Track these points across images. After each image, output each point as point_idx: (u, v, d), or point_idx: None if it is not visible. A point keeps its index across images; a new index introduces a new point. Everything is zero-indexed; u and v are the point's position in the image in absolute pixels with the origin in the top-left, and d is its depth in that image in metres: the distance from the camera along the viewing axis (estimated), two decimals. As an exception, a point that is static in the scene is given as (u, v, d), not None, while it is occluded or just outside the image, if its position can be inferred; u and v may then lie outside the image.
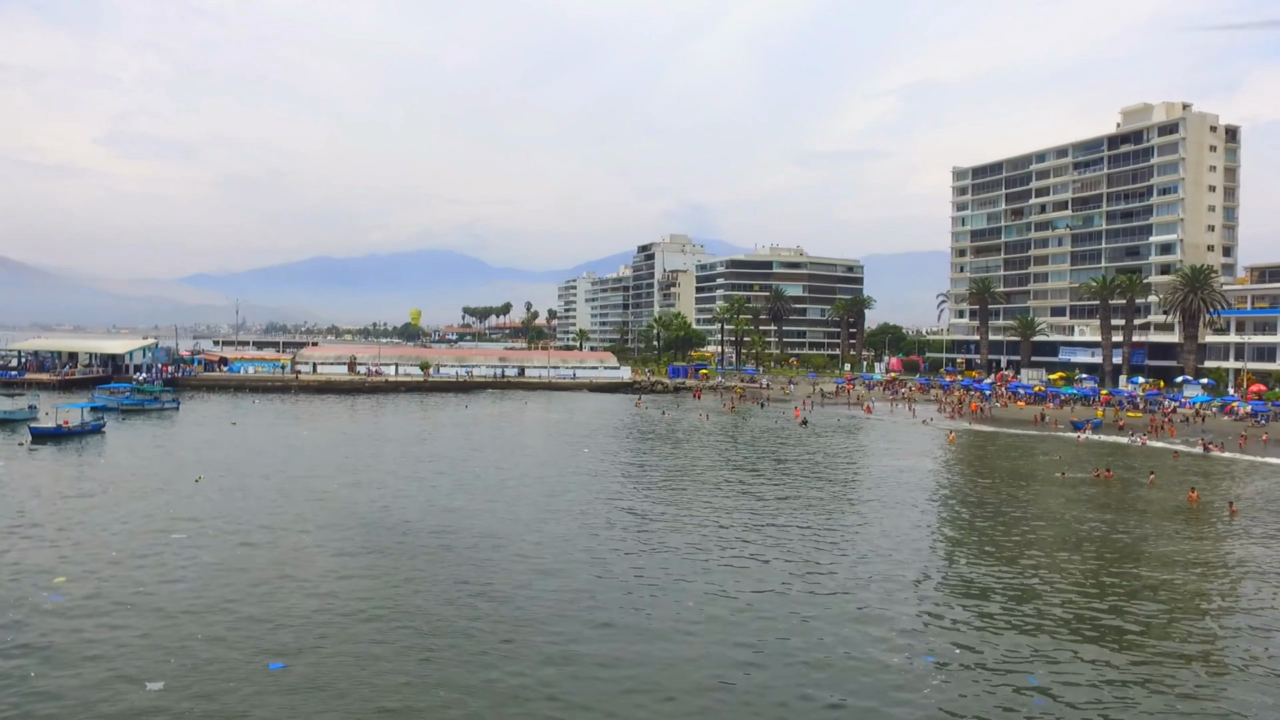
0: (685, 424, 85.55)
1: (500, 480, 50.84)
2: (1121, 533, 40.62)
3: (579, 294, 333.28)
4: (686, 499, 46.52)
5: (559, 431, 76.75)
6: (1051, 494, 50.02)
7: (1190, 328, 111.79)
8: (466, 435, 72.93)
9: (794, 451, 65.91)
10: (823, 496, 47.89)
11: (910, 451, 67.93)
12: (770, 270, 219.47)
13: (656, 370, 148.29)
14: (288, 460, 56.27)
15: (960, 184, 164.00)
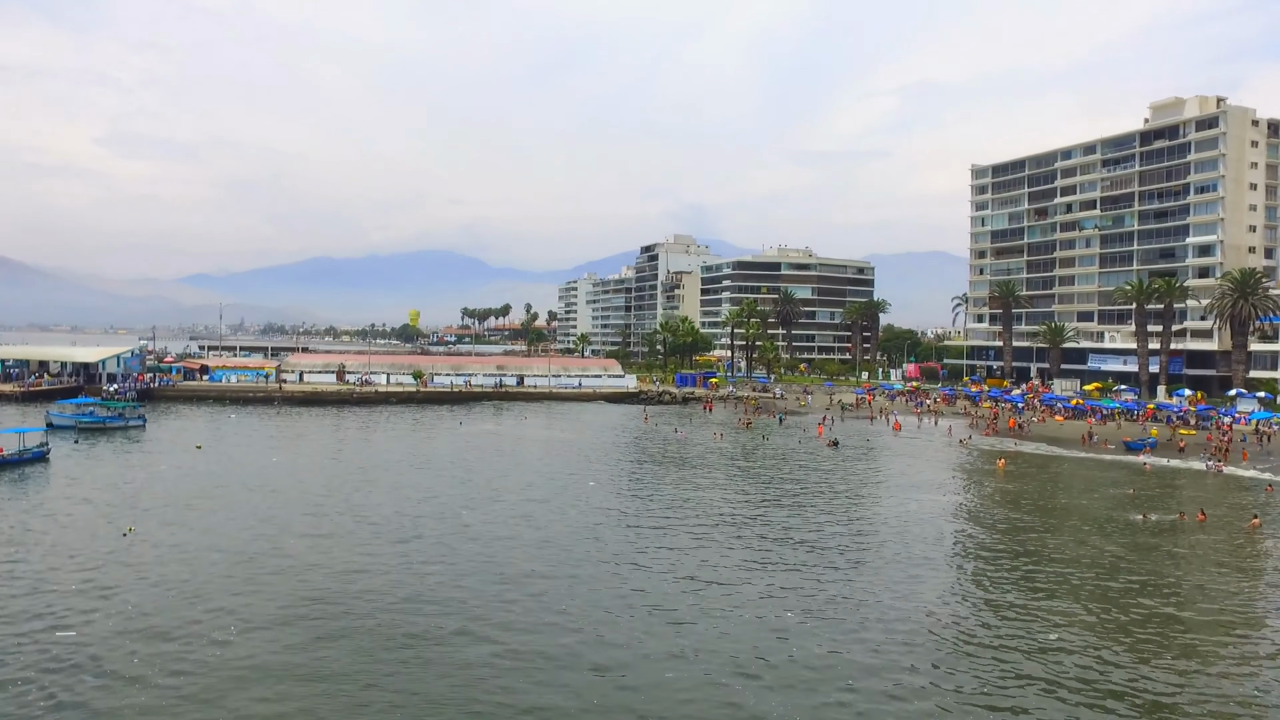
0: (700, 445, 77.33)
1: (491, 534, 42.56)
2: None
3: (580, 295, 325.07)
4: (722, 566, 38.26)
5: (561, 456, 68.51)
6: (1150, 548, 41.78)
7: (1240, 336, 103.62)
8: (459, 462, 64.67)
9: (828, 483, 57.67)
10: (880, 560, 39.70)
11: (956, 484, 59.70)
12: (778, 272, 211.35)
13: (664, 378, 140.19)
14: (247, 502, 48.02)
15: (979, 182, 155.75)
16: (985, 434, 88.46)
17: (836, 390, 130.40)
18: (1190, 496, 56.49)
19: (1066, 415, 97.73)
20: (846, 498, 52.95)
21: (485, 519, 44.71)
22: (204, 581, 32.79)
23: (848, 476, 60.95)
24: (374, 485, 53.64)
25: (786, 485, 56.61)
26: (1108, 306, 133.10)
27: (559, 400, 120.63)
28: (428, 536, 40.71)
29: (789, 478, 59.63)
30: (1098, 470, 66.60)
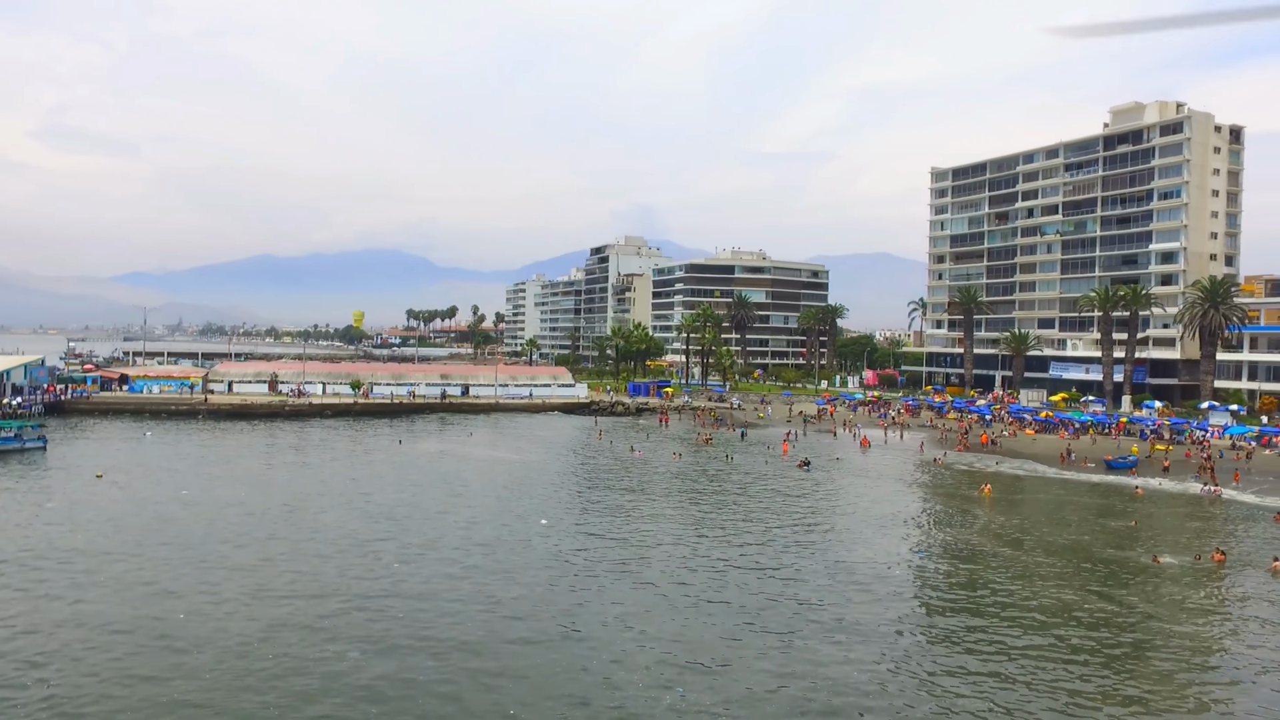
0: (660, 467, 71.26)
1: (428, 592, 36.03)
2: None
3: (528, 297, 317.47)
4: (701, 642, 32.23)
5: (509, 484, 61.93)
6: (1177, 604, 36.62)
7: (1209, 346, 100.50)
8: (397, 493, 57.74)
9: (811, 518, 51.96)
10: (887, 621, 33.99)
11: (946, 516, 54.34)
12: (732, 275, 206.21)
13: (616, 387, 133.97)
14: (138, 550, 40.85)
15: (939, 185, 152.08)
16: (958, 449, 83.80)
17: (795, 399, 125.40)
18: (1195, 528, 51.93)
19: (1037, 428, 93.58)
20: (835, 537, 47.24)
21: (421, 574, 38.13)
22: (45, 689, 25.85)
23: (829, 508, 55.34)
24: (296, 527, 46.62)
25: (765, 521, 50.72)
26: (1069, 314, 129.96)
27: (506, 412, 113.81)
28: (349, 600, 34.05)
29: (765, 510, 53.78)
30: (1088, 495, 61.88)
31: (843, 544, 45.57)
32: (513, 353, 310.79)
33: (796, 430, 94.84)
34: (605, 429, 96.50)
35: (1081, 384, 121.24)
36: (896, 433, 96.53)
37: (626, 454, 78.14)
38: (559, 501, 55.59)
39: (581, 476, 66.13)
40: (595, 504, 55.16)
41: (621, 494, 58.80)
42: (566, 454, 78.28)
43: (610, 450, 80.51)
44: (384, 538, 44.65)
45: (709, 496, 58.29)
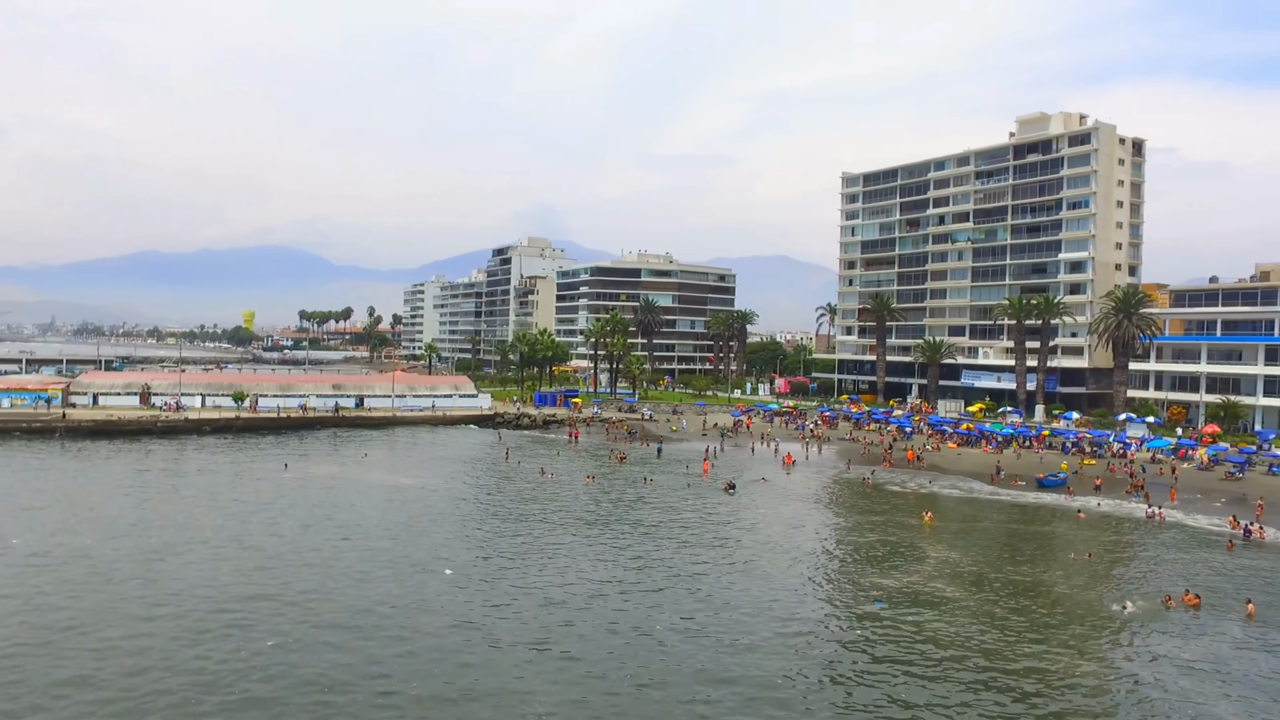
0: (574, 492, 64.97)
1: (313, 679, 29.06)
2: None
3: (427, 299, 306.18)
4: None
5: (408, 519, 54.78)
6: (1169, 658, 32.34)
7: (1122, 357, 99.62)
8: (277, 534, 50.05)
9: (746, 555, 46.51)
10: (871, 703, 28.61)
11: (892, 552, 49.63)
12: (638, 279, 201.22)
13: (522, 397, 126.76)
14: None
15: (850, 191, 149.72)
16: (884, 466, 79.97)
17: (709, 409, 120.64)
18: (1151, 559, 48.53)
19: (959, 442, 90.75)
20: (781, 584, 41.84)
21: (299, 656, 31.10)
22: None
23: (765, 544, 49.98)
24: (149, 591, 38.78)
25: (700, 566, 45.05)
26: (980, 321, 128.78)
27: (405, 425, 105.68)
28: (202, 704, 26.89)
29: (697, 548, 48.12)
30: (1032, 521, 58.28)
31: (793, 593, 40.23)
32: (410, 356, 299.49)
33: (714, 446, 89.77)
34: (512, 446, 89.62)
35: (993, 392, 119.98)
36: (816, 447, 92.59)
37: (537, 477, 71.60)
38: (465, 543, 48.78)
39: (489, 508, 59.33)
40: (507, 545, 48.55)
41: (535, 529, 52.35)
42: (471, 478, 71.21)
43: (519, 472, 73.80)
44: (258, 595, 37.37)
45: (632, 532, 52.26)
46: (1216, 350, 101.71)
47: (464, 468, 76.48)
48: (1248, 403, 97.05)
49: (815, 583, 42.56)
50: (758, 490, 67.74)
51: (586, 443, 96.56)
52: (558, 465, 78.00)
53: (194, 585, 39.29)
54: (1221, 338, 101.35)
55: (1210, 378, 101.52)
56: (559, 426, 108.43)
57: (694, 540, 50.25)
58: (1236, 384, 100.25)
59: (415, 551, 46.43)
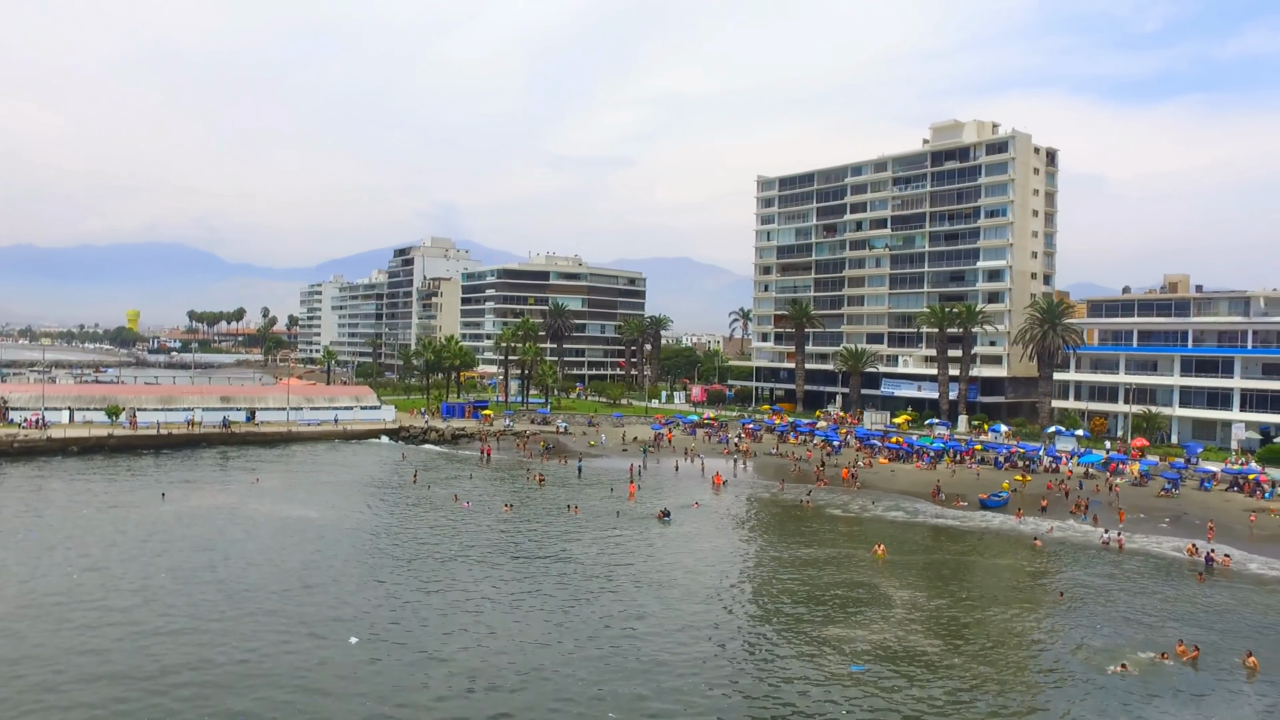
0: (492, 524, 58.27)
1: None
2: None
3: (325, 300, 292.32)
4: None
5: (304, 565, 47.32)
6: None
7: (1046, 367, 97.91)
8: (144, 590, 42.08)
9: (692, 603, 40.86)
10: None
11: (848, 590, 44.68)
12: (547, 281, 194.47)
13: (428, 408, 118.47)
14: None
15: (765, 195, 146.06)
16: (819, 485, 75.53)
17: (626, 420, 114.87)
18: (1123, 594, 44.80)
19: (889, 456, 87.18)
20: (742, 644, 36.29)
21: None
22: None
23: (713, 590, 44.44)
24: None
25: (641, 609, 39.16)
26: (899, 329, 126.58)
27: (302, 442, 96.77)
28: None
29: (636, 592, 42.22)
30: (988, 552, 54.28)
31: (759, 656, 34.71)
32: (307, 359, 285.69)
33: (637, 464, 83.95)
34: (420, 465, 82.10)
35: (914, 402, 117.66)
36: (742, 462, 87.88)
37: (450, 504, 64.61)
38: (371, 598, 41.73)
39: (398, 547, 52.13)
40: (421, 601, 41.70)
41: (453, 573, 45.65)
42: (377, 507, 63.67)
43: (430, 499, 66.56)
44: (116, 677, 29.79)
45: (564, 578, 45.99)
46: (1134, 360, 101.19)
47: (368, 494, 68.77)
48: (1165, 413, 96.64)
49: (781, 641, 37.14)
50: (692, 518, 62.26)
51: (500, 460, 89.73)
52: (472, 489, 71.08)
53: (22, 671, 31.41)
54: (1139, 348, 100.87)
55: (1129, 388, 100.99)
56: (469, 441, 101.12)
57: (633, 587, 44.34)
58: (1153, 394, 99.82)
59: (312, 610, 39.24)
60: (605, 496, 69.32)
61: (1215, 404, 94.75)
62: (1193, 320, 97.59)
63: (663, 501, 67.13)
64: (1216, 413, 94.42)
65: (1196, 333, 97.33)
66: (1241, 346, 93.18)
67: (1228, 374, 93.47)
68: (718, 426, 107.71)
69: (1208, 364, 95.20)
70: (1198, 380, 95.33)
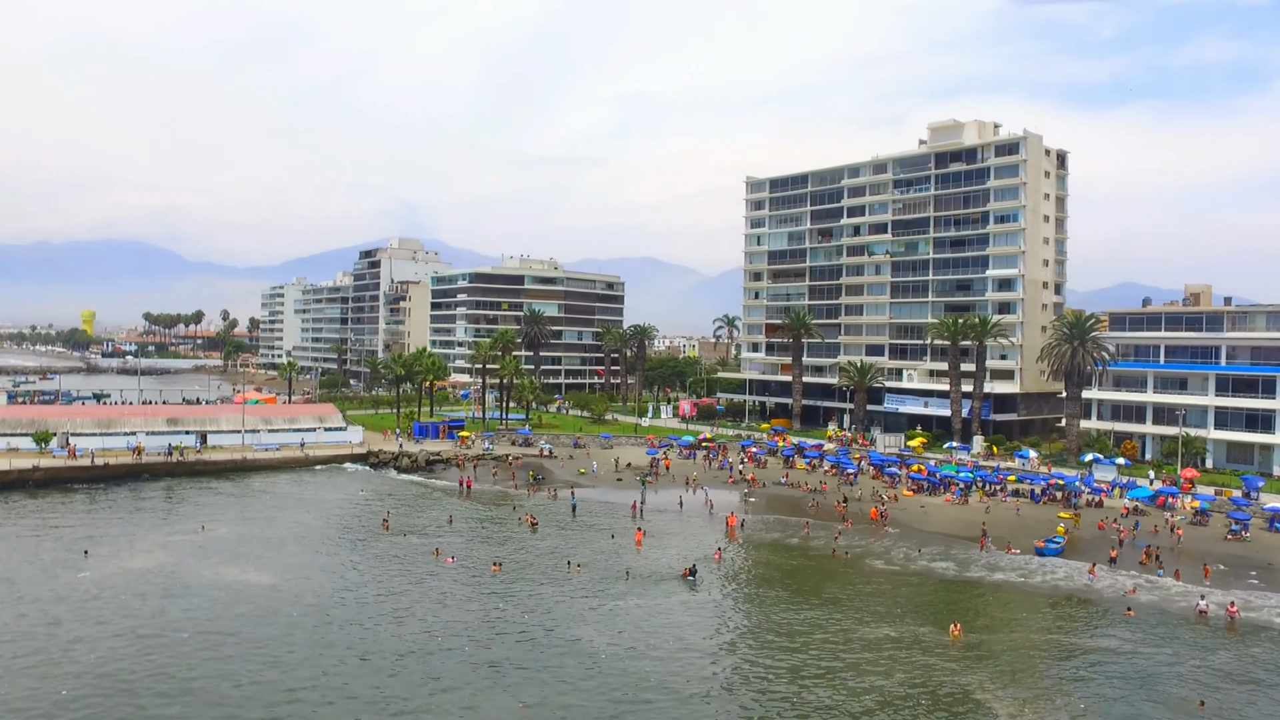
0: (483, 600, 48.39)
1: None
2: None
3: (287, 303, 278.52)
4: None
5: (249, 681, 37.15)
6: None
7: (1075, 387, 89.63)
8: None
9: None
10: None
11: (932, 694, 35.45)
12: (522, 286, 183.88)
13: (400, 427, 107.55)
14: None
15: (755, 197, 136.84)
16: (845, 526, 66.36)
17: (615, 441, 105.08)
18: (1267, 696, 35.99)
19: (915, 488, 78.32)
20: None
21: None
22: None
23: (762, 693, 34.96)
24: None
25: None
26: (901, 340, 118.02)
27: (259, 472, 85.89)
28: None
29: (670, 686, 32.70)
30: (1079, 629, 45.31)
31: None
32: (269, 364, 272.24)
33: (638, 500, 74.21)
34: (392, 503, 71.86)
35: (920, 419, 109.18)
36: (748, 491, 78.63)
37: (428, 560, 54.64)
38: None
39: (371, 638, 41.97)
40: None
41: (438, 673, 35.74)
42: (344, 570, 53.27)
43: (405, 554, 56.36)
44: None
45: (578, 683, 36.29)
46: (1162, 378, 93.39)
47: (333, 547, 58.34)
48: (1199, 435, 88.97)
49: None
50: (717, 577, 52.80)
51: (482, 491, 79.71)
52: (453, 537, 61.00)
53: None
54: (1167, 364, 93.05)
55: (1156, 408, 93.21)
56: (445, 467, 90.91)
57: (672, 700, 34.75)
58: (1182, 414, 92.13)
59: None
60: (608, 546, 59.70)
61: (1254, 426, 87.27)
62: (1226, 335, 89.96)
63: (671, 549, 57.83)
64: (1256, 436, 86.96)
65: (1230, 348, 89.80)
66: (1278, 364, 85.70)
67: (1269, 394, 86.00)
68: (717, 449, 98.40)
69: (1246, 383, 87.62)
70: (1235, 400, 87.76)
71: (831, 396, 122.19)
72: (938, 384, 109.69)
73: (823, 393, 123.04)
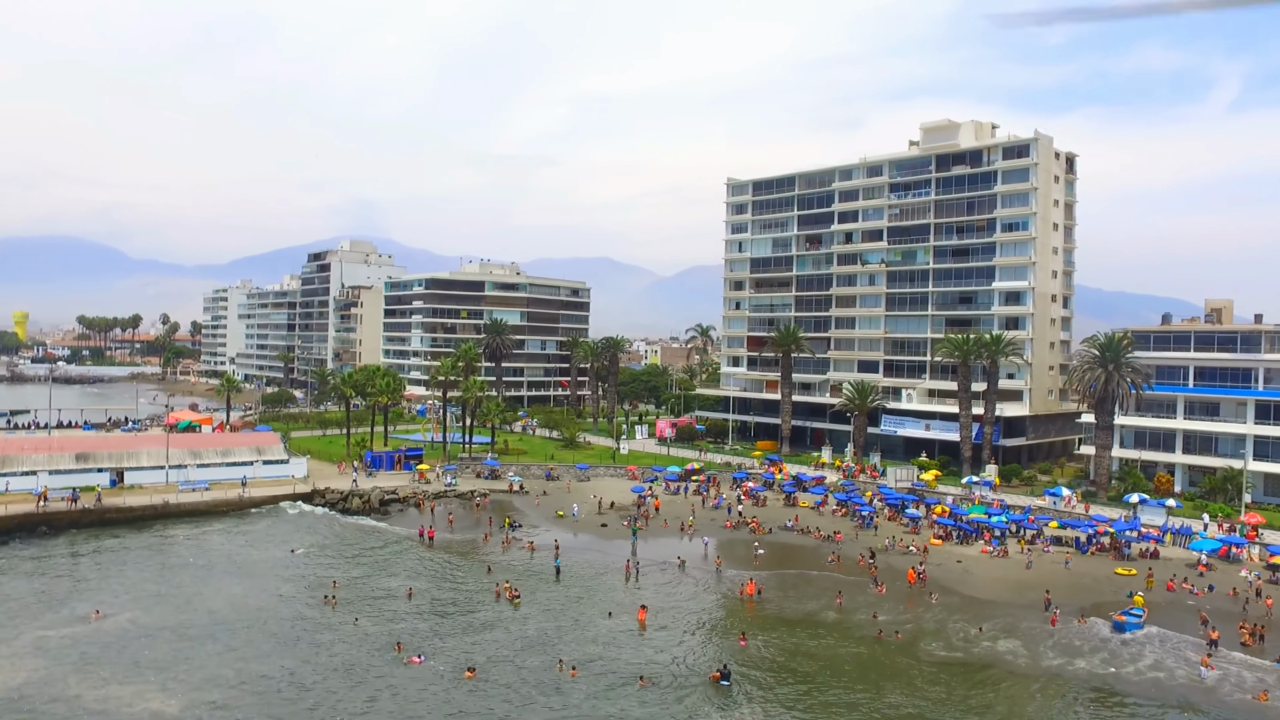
0: (453, 710, 36.97)
1: None
2: None
3: (230, 307, 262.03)
4: None
5: None
6: None
7: (1107, 415, 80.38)
8: None
9: None
10: None
11: None
12: (482, 293, 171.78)
13: (352, 456, 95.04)
14: None
15: (737, 200, 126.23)
16: (877, 591, 55.91)
17: (593, 472, 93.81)
18: None
19: (941, 535, 68.20)
20: None
21: None
22: None
23: None
24: None
25: None
26: (898, 356, 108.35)
27: (185, 520, 72.99)
28: None
29: None
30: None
31: None
32: (211, 372, 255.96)
33: (631, 559, 62.98)
34: (341, 570, 59.77)
35: (922, 444, 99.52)
36: (757, 540, 67.94)
37: (388, 656, 43.02)
38: None
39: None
40: None
41: None
42: (273, 683, 41.18)
43: (357, 654, 44.47)
44: None
45: None
46: (1193, 403, 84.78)
47: (263, 647, 46.00)
48: (1225, 466, 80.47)
49: None
50: (748, 674, 41.91)
51: (448, 541, 67.94)
52: (416, 620, 49.31)
53: None
54: (1199, 389, 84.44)
55: (1187, 435, 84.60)
56: (402, 508, 78.93)
57: None
58: (1213, 443, 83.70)
59: None
60: (605, 625, 48.60)
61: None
62: (1264, 357, 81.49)
63: (683, 631, 47.08)
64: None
65: (1270, 371, 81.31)
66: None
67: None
68: (707, 481, 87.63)
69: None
70: (1277, 429, 79.27)
71: (821, 417, 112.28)
72: (940, 405, 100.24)
73: (810, 412, 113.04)
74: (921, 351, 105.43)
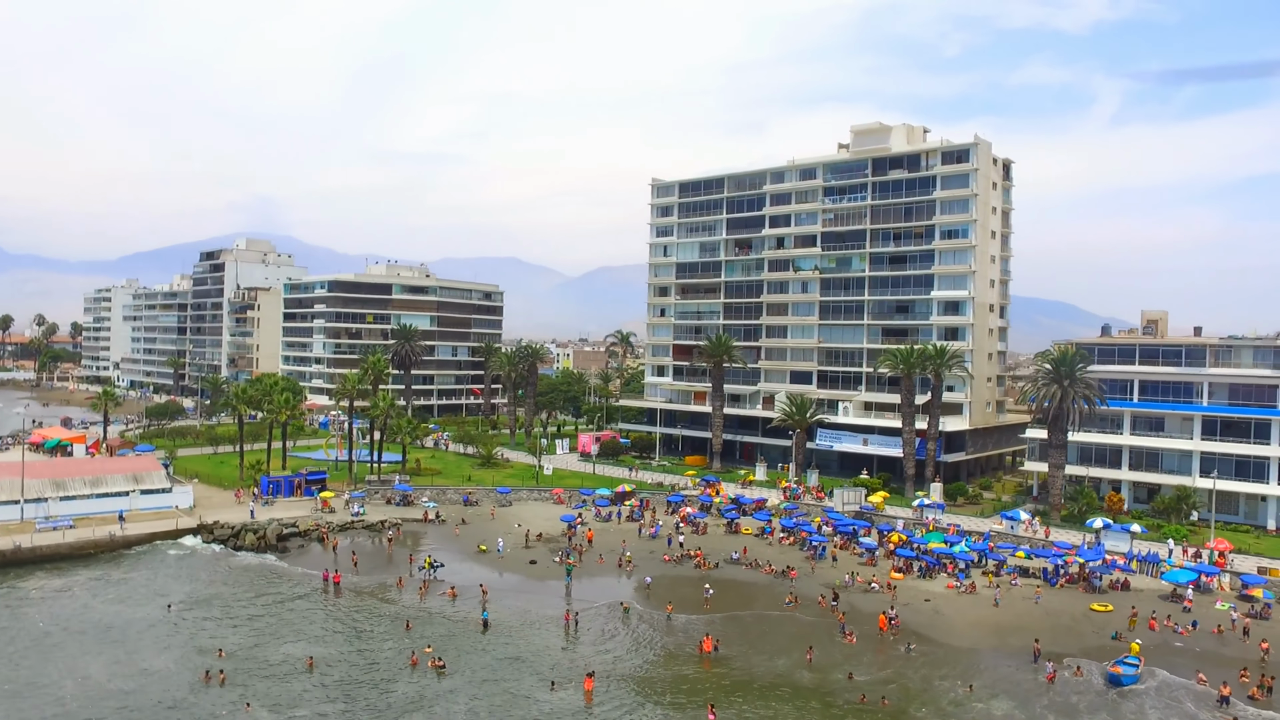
0: None
1: None
2: None
3: (115, 307, 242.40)
4: None
5: None
6: None
7: (1060, 433, 76.46)
8: None
9: None
10: None
11: None
12: (389, 296, 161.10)
13: (245, 482, 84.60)
14: None
15: (662, 202, 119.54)
16: (847, 640, 49.72)
17: (515, 497, 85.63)
18: None
19: (899, 568, 62.65)
20: None
21: None
22: None
23: None
24: None
25: None
26: (832, 366, 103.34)
27: (45, 566, 62.11)
28: None
29: None
30: None
31: None
32: (93, 377, 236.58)
33: (567, 605, 55.46)
34: (228, 631, 50.44)
35: (860, 459, 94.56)
36: (705, 577, 61.24)
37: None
38: None
39: None
40: None
41: None
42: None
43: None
44: None
45: None
46: (1139, 418, 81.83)
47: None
48: (1172, 483, 77.85)
49: None
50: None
51: (357, 585, 59.11)
52: (321, 702, 40.80)
53: None
54: (1144, 403, 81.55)
55: (1134, 451, 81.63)
56: (302, 544, 69.53)
57: None
58: (1159, 459, 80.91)
59: None
60: (548, 700, 41.03)
61: (1246, 474, 76.43)
62: (1209, 371, 78.89)
63: (636, 700, 39.75)
64: (1248, 485, 76.13)
65: (1213, 386, 78.80)
66: (1270, 406, 75.04)
67: (1263, 439, 75.26)
68: (640, 506, 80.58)
69: (1237, 425, 76.71)
70: (1224, 445, 76.69)
71: (752, 430, 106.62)
72: (879, 419, 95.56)
73: (740, 425, 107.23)
74: (857, 362, 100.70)
